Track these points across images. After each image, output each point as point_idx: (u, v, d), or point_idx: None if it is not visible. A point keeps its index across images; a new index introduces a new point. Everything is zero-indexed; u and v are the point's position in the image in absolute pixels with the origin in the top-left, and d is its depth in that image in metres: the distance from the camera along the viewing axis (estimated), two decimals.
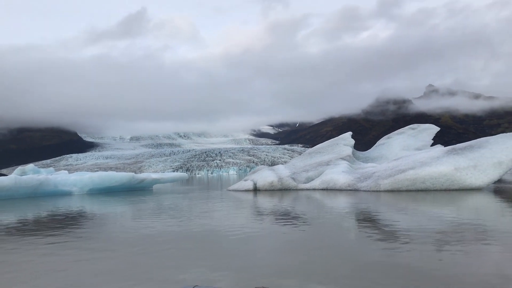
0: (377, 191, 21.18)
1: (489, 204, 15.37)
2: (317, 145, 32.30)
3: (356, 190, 22.50)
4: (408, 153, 25.77)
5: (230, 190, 26.89)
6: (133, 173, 31.58)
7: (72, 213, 16.33)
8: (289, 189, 25.13)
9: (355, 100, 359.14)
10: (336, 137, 32.04)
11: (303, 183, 25.51)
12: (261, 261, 7.02)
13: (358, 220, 11.88)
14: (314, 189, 24.40)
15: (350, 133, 31.82)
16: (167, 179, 34.70)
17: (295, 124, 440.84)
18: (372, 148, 33.25)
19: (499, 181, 29.76)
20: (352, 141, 30.42)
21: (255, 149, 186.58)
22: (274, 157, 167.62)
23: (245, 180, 26.78)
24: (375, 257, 6.95)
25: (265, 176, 25.65)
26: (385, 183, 20.93)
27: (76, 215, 15.72)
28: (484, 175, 20.02)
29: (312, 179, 25.62)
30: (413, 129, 32.55)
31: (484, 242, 7.77)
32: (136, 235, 10.42)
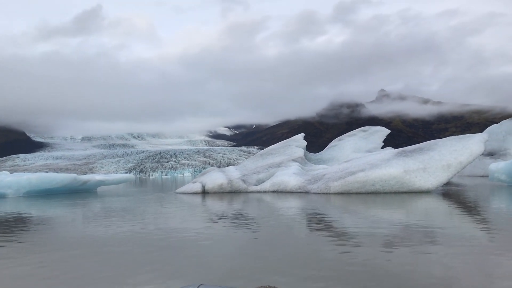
0: (327, 193, 20.71)
1: (438, 207, 15.39)
2: (269, 147, 31.67)
3: (306, 192, 21.99)
4: (359, 155, 25.56)
5: (178, 193, 25.74)
6: (76, 175, 29.78)
7: None
8: (239, 192, 24.32)
9: (311, 103, 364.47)
10: (288, 139, 31.53)
11: (254, 185, 24.76)
12: (214, 264, 6.85)
13: (309, 222, 11.74)
14: (264, 192, 23.71)
15: (302, 134, 31.39)
16: (113, 181, 33.04)
17: (252, 126, 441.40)
18: (324, 150, 33.01)
19: (448, 183, 30.18)
20: (304, 143, 29.99)
21: (211, 151, 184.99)
22: (231, 159, 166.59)
23: (194, 182, 25.72)
24: (329, 257, 7.01)
25: (214, 178, 24.70)
26: (335, 186, 20.49)
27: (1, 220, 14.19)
28: (433, 178, 19.96)
29: (263, 181, 24.92)
30: (364, 131, 32.55)
31: (432, 244, 7.85)
32: (74, 240, 9.51)
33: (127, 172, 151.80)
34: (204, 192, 24.66)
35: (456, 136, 22.65)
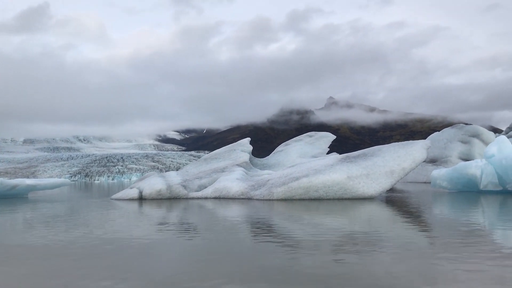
0: (270, 199, 19.96)
1: (381, 214, 15.29)
2: (214, 151, 30.68)
3: (249, 199, 21.17)
4: (304, 161, 25.06)
5: (113, 199, 24.18)
6: (2, 179, 27.46)
7: None
8: (179, 198, 23.12)
9: (262, 109, 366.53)
10: (234, 143, 30.67)
11: (195, 191, 23.64)
12: (158, 272, 6.61)
13: (253, 229, 11.61)
14: (206, 198, 22.66)
15: (248, 139, 30.63)
16: (46, 186, 30.79)
17: (203, 130, 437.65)
18: (270, 155, 32.40)
19: (391, 190, 30.35)
20: (250, 147, 29.22)
21: (160, 155, 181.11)
22: (180, 163, 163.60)
23: (131, 188, 24.25)
24: (275, 262, 7.09)
25: (152, 184, 23.36)
26: (279, 192, 19.77)
27: None
28: (376, 184, 19.68)
29: (205, 187, 23.85)
30: (310, 136, 32.25)
31: (376, 250, 7.99)
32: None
33: (71, 176, 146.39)
34: (142, 199, 23.27)
35: (400, 142, 22.63)
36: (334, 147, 32.23)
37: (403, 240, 9.19)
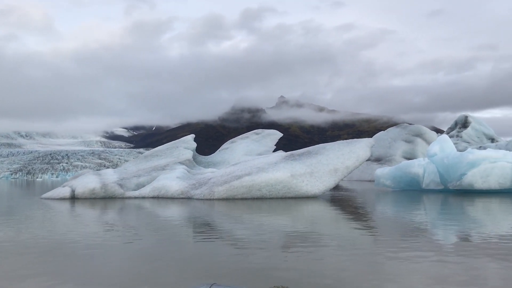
0: (211, 199, 19.03)
1: (324, 212, 15.16)
2: (156, 148, 29.30)
3: (189, 198, 20.13)
4: (249, 158, 24.30)
5: (43, 198, 22.40)
6: None
7: None
8: (115, 197, 21.71)
9: (212, 107, 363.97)
10: (177, 140, 29.42)
11: (133, 190, 22.31)
12: (100, 275, 6.40)
13: (194, 230, 11.28)
14: (143, 197, 21.39)
15: (192, 135, 29.48)
16: None
17: (152, 127, 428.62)
18: (215, 152, 31.42)
19: (337, 188, 30.26)
20: (194, 144, 28.11)
21: (107, 152, 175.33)
22: (128, 161, 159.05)
23: (63, 186, 22.55)
24: (224, 261, 7.04)
25: (86, 182, 21.80)
26: (220, 191, 18.88)
27: None
28: (320, 182, 19.22)
29: (144, 186, 22.56)
30: (257, 134, 31.56)
31: (321, 248, 8.03)
32: None
33: (12, 174, 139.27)
34: (74, 198, 21.67)
35: (344, 140, 22.33)
36: (285, 146, 31.73)
37: (346, 238, 9.30)
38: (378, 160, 48.44)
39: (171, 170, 23.62)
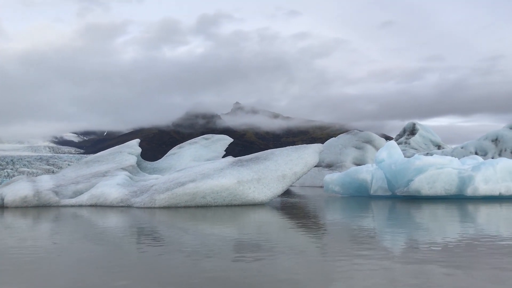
0: (151, 207, 17.96)
1: (272, 220, 14.88)
2: (98, 153, 27.81)
3: (129, 206, 18.96)
4: (194, 164, 23.37)
5: None
6: None
7: None
8: (50, 206, 20.18)
9: (166, 112, 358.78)
10: (121, 145, 28.06)
11: (70, 197, 20.84)
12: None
13: (137, 239, 10.85)
14: (80, 205, 20.00)
15: (137, 140, 28.21)
16: None
17: (103, 132, 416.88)
18: (162, 158, 30.24)
19: (287, 194, 29.82)
20: (139, 150, 26.85)
21: (56, 158, 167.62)
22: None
23: None
24: (173, 268, 7.06)
25: (17, 189, 20.14)
26: (161, 198, 17.84)
27: None
28: (268, 189, 18.59)
29: (82, 193, 21.13)
30: (206, 139, 30.66)
31: (269, 256, 7.98)
32: None
33: None
34: (3, 207, 19.97)
35: (293, 146, 21.86)
36: (241, 152, 31.01)
37: (296, 245, 9.40)
38: (329, 166, 48.64)
39: (112, 176, 22.30)
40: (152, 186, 19.55)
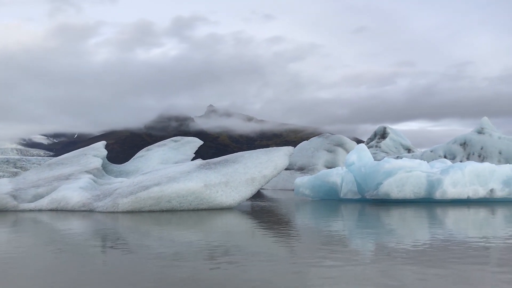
0: (114, 212, 17.26)
1: (240, 224, 14.74)
2: (62, 156, 26.81)
3: (91, 211, 18.20)
4: (161, 167, 22.72)
5: None
6: None
7: None
8: (7, 210, 19.20)
9: (138, 115, 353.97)
10: (86, 147, 27.14)
11: (29, 201, 19.89)
12: None
13: (101, 244, 10.68)
14: (40, 210, 19.12)
15: (103, 142, 27.34)
16: None
17: (73, 135, 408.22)
18: (130, 160, 29.41)
19: (258, 197, 29.42)
20: (104, 152, 25.99)
21: (24, 161, 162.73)
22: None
23: None
24: (141, 272, 6.96)
25: None
26: (124, 203, 17.16)
27: None
28: (236, 193, 18.14)
29: (43, 197, 20.21)
30: (175, 141, 29.98)
31: (240, 258, 8.11)
32: None
33: None
34: None
35: (263, 149, 21.53)
36: (214, 155, 30.46)
37: (265, 249, 9.44)
38: (301, 169, 48.57)
39: (75, 180, 21.43)
40: (115, 189, 18.83)
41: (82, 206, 18.46)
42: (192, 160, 28.50)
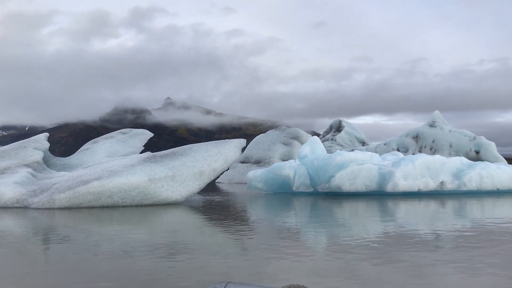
0: (51, 208, 16.06)
1: (187, 220, 14.27)
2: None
3: (26, 208, 16.90)
4: (105, 160, 21.52)
5: None
6: None
7: None
8: None
9: (93, 107, 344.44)
10: (27, 139, 25.46)
11: None
12: None
13: (41, 244, 10.01)
14: None
15: (45, 134, 25.68)
16: None
17: (25, 127, 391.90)
18: (74, 153, 27.89)
19: (213, 190, 28.61)
20: (47, 144, 24.40)
21: None
22: None
23: None
24: (104, 270, 6.85)
25: None
26: (62, 198, 16.00)
27: None
28: (183, 187, 17.30)
29: None
30: (124, 133, 28.67)
31: (191, 254, 7.90)
32: None
33: None
34: None
35: (214, 141, 20.75)
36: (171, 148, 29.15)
37: (216, 245, 9.26)
38: (257, 162, 48.10)
39: (11, 174, 19.92)
40: (54, 184, 17.56)
41: (16, 202, 17.10)
42: (141, 153, 27.36)
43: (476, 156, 37.24)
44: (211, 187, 35.07)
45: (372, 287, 5.78)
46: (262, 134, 52.14)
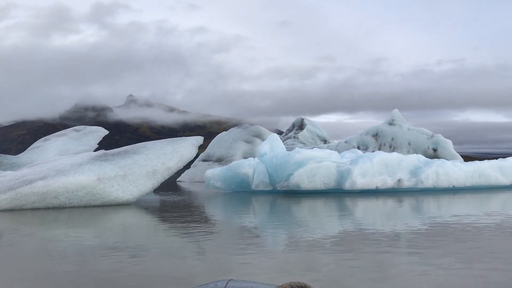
0: None
1: (138, 221, 13.62)
2: None
3: None
4: (52, 159, 20.47)
5: None
6: None
7: None
8: None
9: (53, 104, 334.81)
10: None
11: None
12: None
13: None
14: None
15: None
16: None
17: None
18: (24, 152, 26.56)
19: (171, 189, 27.86)
20: None
21: None
22: None
23: None
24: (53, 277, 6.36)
25: None
26: (2, 200, 14.97)
27: None
28: (134, 187, 16.57)
29: None
30: (77, 131, 27.53)
31: (143, 257, 7.51)
32: None
33: None
34: None
35: (169, 139, 20.05)
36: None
37: (170, 246, 8.91)
38: (219, 160, 47.55)
39: None
40: None
41: None
42: (95, 151, 26.33)
43: (434, 153, 38.03)
44: (170, 186, 34.27)
45: (333, 282, 5.78)
46: (225, 132, 51.61)
